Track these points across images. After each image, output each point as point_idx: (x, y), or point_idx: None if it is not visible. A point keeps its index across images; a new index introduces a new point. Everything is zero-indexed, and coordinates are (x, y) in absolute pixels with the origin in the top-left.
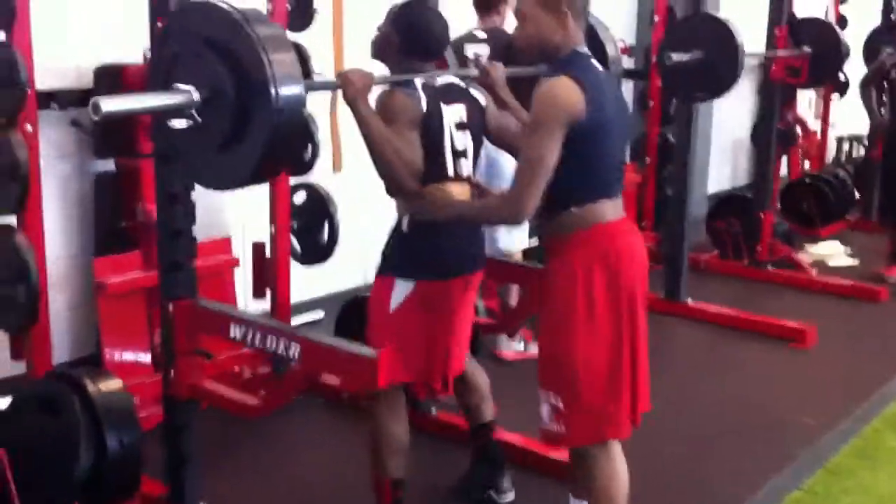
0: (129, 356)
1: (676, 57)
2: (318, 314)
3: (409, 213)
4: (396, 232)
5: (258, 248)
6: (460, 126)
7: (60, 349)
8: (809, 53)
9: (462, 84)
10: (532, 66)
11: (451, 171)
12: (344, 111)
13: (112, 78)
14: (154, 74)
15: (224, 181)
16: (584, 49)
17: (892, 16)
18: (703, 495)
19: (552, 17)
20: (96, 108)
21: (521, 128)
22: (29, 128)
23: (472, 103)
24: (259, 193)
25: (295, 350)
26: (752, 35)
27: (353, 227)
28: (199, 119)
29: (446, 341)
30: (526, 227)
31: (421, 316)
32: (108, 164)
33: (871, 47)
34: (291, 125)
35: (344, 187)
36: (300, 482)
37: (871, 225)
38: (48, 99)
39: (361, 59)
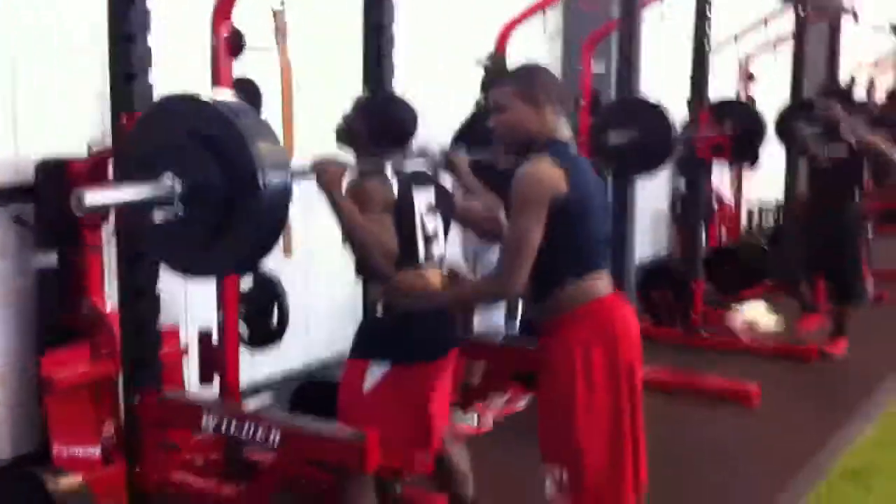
0: (78, 451)
1: (614, 138)
2: (266, 398)
3: (386, 300)
4: (370, 315)
5: (205, 336)
6: (430, 210)
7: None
8: (732, 132)
9: (428, 169)
10: (511, 154)
11: (423, 255)
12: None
13: (55, 172)
14: (129, 166)
15: (210, 271)
16: (563, 137)
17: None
18: None
19: (529, 108)
20: (79, 200)
21: (484, 210)
22: None
23: (439, 188)
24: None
25: (275, 436)
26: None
27: (302, 307)
28: (183, 211)
29: (423, 422)
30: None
31: (396, 398)
32: (51, 259)
33: (784, 124)
34: (278, 214)
35: (292, 269)
36: None
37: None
38: None
39: (311, 138)
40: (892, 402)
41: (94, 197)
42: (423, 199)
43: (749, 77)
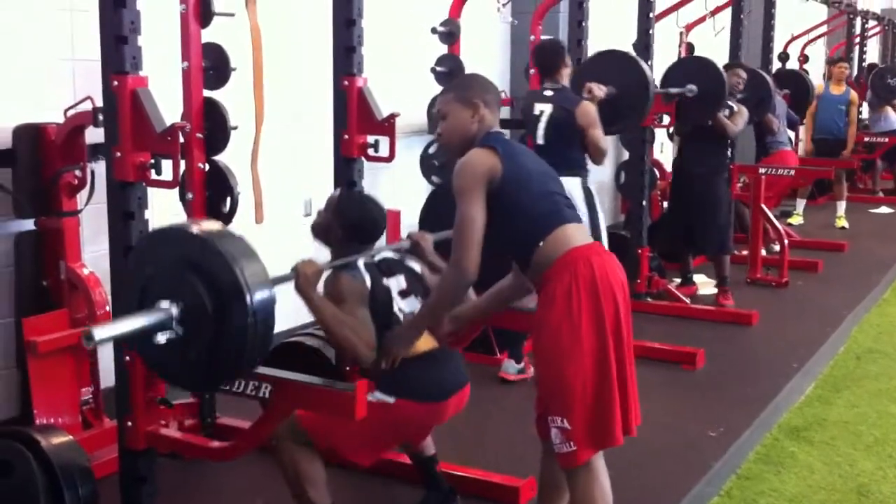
0: (59, 414)
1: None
2: None
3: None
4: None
5: None
6: (403, 294)
7: None
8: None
9: (396, 256)
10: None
11: None
12: (263, 162)
13: (32, 137)
14: (131, 293)
15: (205, 384)
16: (497, 129)
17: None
18: None
19: (468, 110)
20: (90, 338)
21: None
22: None
23: (409, 272)
24: None
25: (266, 390)
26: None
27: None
28: (179, 332)
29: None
30: None
31: (387, 424)
32: (28, 224)
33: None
34: (264, 328)
35: (262, 237)
36: None
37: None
38: None
39: (280, 110)
40: (830, 363)
41: (103, 333)
42: (395, 284)
43: (688, 47)
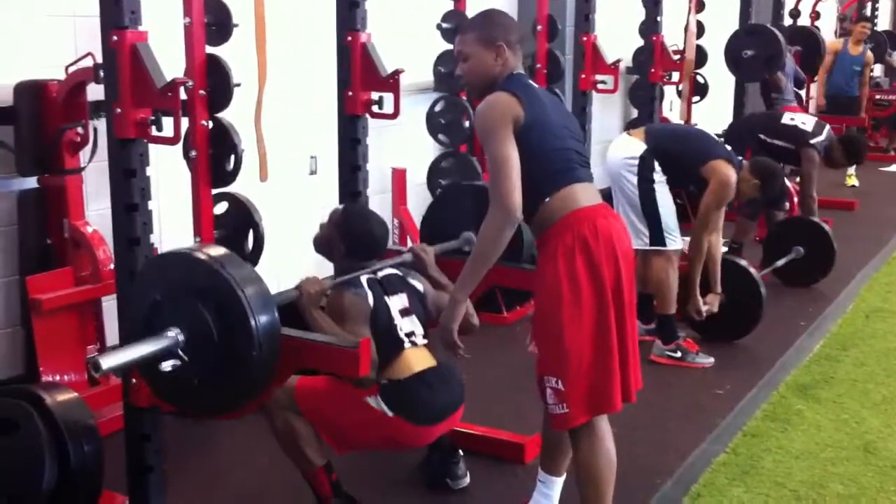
0: (64, 372)
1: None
2: None
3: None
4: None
5: None
6: (404, 312)
7: None
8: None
9: (400, 273)
10: (479, 97)
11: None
12: (267, 120)
13: (33, 94)
14: (137, 319)
15: (212, 409)
16: (520, 71)
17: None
18: (644, 467)
19: (490, 52)
20: (97, 366)
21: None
22: None
23: (410, 290)
24: (180, 204)
25: None
26: (615, 41)
27: (278, 233)
28: (185, 357)
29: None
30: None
31: (376, 433)
32: (31, 182)
33: (732, 52)
34: (270, 353)
35: (267, 195)
36: (251, 489)
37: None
38: None
39: (284, 67)
40: (839, 321)
41: (109, 361)
42: (397, 303)
43: (698, 3)
